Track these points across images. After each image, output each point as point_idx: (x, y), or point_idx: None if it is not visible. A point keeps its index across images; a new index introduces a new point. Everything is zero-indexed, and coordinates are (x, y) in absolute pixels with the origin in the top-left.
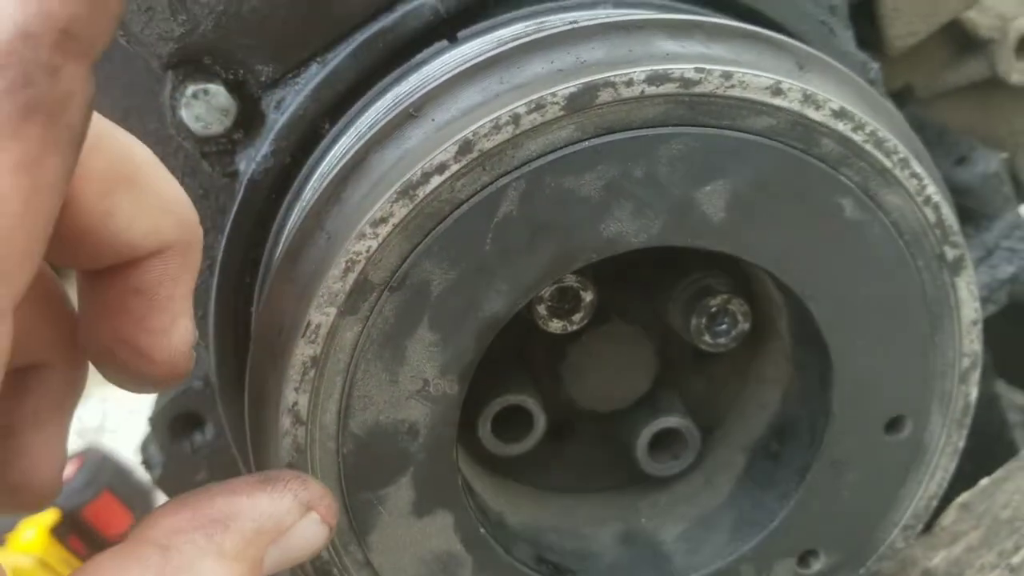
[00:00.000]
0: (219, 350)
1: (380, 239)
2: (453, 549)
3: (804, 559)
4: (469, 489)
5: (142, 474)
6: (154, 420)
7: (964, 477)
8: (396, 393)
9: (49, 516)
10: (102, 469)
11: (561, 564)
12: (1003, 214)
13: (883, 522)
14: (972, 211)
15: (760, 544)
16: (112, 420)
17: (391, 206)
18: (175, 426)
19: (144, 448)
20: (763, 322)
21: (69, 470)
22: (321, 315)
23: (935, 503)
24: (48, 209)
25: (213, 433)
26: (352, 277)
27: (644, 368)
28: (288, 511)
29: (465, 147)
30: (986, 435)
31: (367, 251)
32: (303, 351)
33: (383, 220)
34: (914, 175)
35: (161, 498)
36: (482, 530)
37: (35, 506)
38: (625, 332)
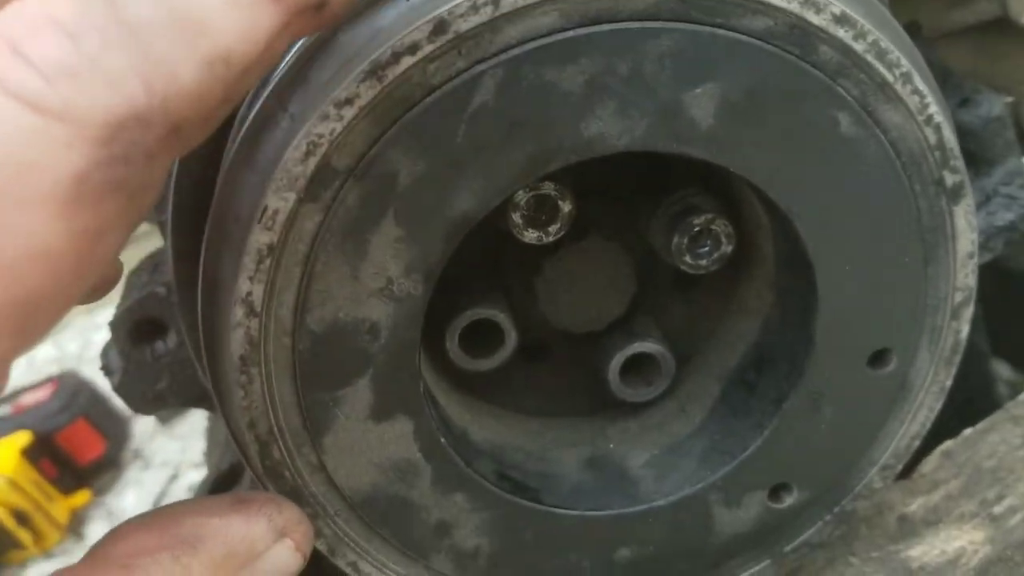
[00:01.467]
0: (177, 249)
1: (345, 121)
2: (411, 457)
3: (776, 493)
4: (433, 400)
5: (120, 404)
6: (114, 325)
7: (948, 433)
8: (357, 289)
9: (21, 438)
10: (78, 395)
11: (523, 482)
12: (1004, 160)
13: (861, 460)
14: (972, 155)
15: (730, 474)
16: (93, 350)
17: (357, 86)
18: (136, 332)
19: (104, 354)
20: (747, 247)
21: (44, 393)
22: (279, 200)
23: (917, 443)
24: (87, 283)
25: (176, 342)
26: (313, 161)
27: (621, 289)
28: (261, 536)
29: (440, 27)
30: (971, 390)
31: (330, 134)
32: (259, 238)
33: (348, 101)
34: (916, 92)
35: (139, 426)
36: (443, 440)
37: (102, 295)
38: (604, 249)
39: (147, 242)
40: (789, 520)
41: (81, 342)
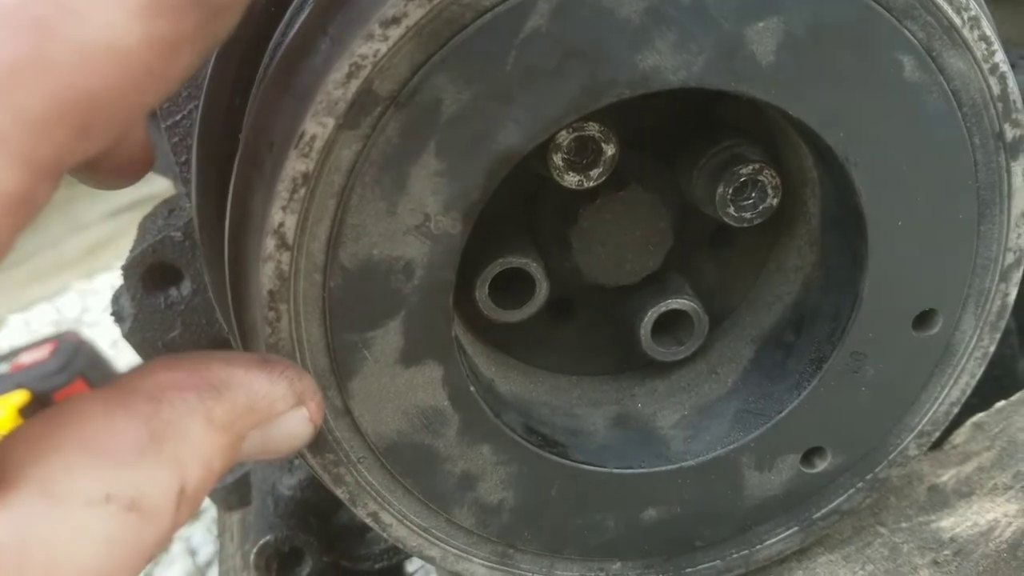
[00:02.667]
0: (201, 182)
1: (390, 43)
2: (439, 405)
3: (809, 457)
4: (461, 348)
5: (118, 366)
6: (127, 269)
7: (971, 408)
8: (393, 225)
9: (18, 396)
10: (77, 355)
11: (551, 437)
12: None
13: (898, 426)
14: None
15: (763, 436)
16: (91, 314)
17: (405, 5)
18: (149, 278)
19: (115, 300)
20: (790, 205)
21: (43, 353)
22: (317, 126)
23: (956, 410)
24: (151, 98)
25: (190, 289)
26: (355, 85)
27: (658, 242)
28: (282, 397)
29: None
30: (995, 366)
31: (374, 55)
32: (294, 165)
33: (395, 20)
34: (983, 38)
35: None
36: (472, 388)
37: (137, 176)
38: (642, 200)
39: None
40: (820, 486)
41: (79, 307)
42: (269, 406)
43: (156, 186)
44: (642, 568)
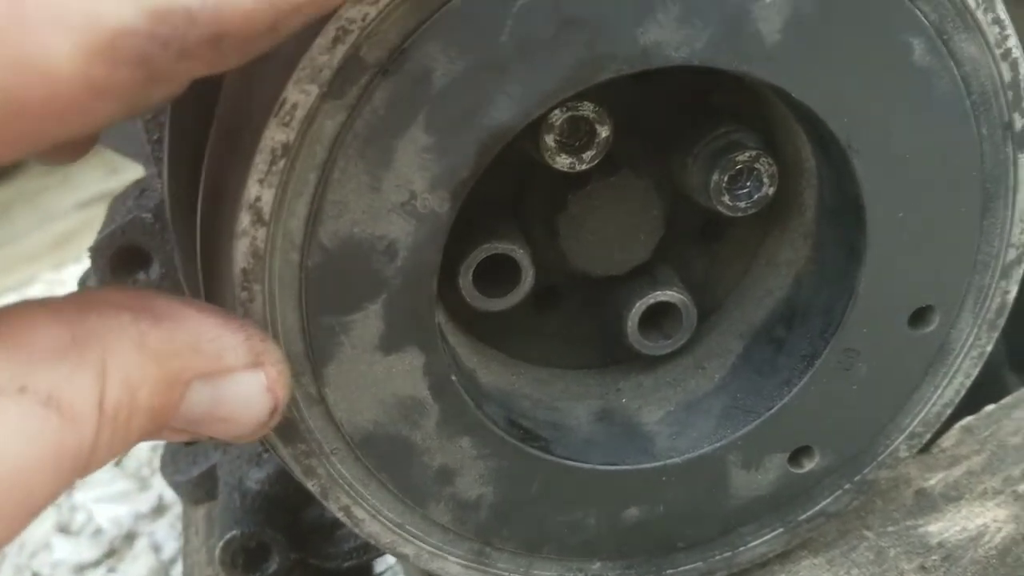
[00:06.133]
0: (173, 153)
1: (380, 6)
2: (419, 395)
3: (796, 457)
4: (443, 337)
5: None
6: (95, 251)
7: (955, 413)
8: (377, 202)
9: None
10: None
11: (533, 431)
12: None
13: (889, 426)
14: None
15: (751, 433)
16: None
17: None
18: (117, 260)
19: (82, 283)
20: (784, 196)
21: None
22: (299, 93)
23: (949, 412)
24: (61, 131)
25: (159, 273)
26: (341, 51)
27: (648, 232)
28: (233, 348)
29: None
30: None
31: (362, 19)
32: (274, 135)
33: None
34: (997, 22)
35: None
36: (454, 378)
37: (76, 153)
38: (634, 186)
39: None
40: (807, 487)
41: (48, 295)
42: (216, 353)
43: (129, 178)
44: (622, 569)
